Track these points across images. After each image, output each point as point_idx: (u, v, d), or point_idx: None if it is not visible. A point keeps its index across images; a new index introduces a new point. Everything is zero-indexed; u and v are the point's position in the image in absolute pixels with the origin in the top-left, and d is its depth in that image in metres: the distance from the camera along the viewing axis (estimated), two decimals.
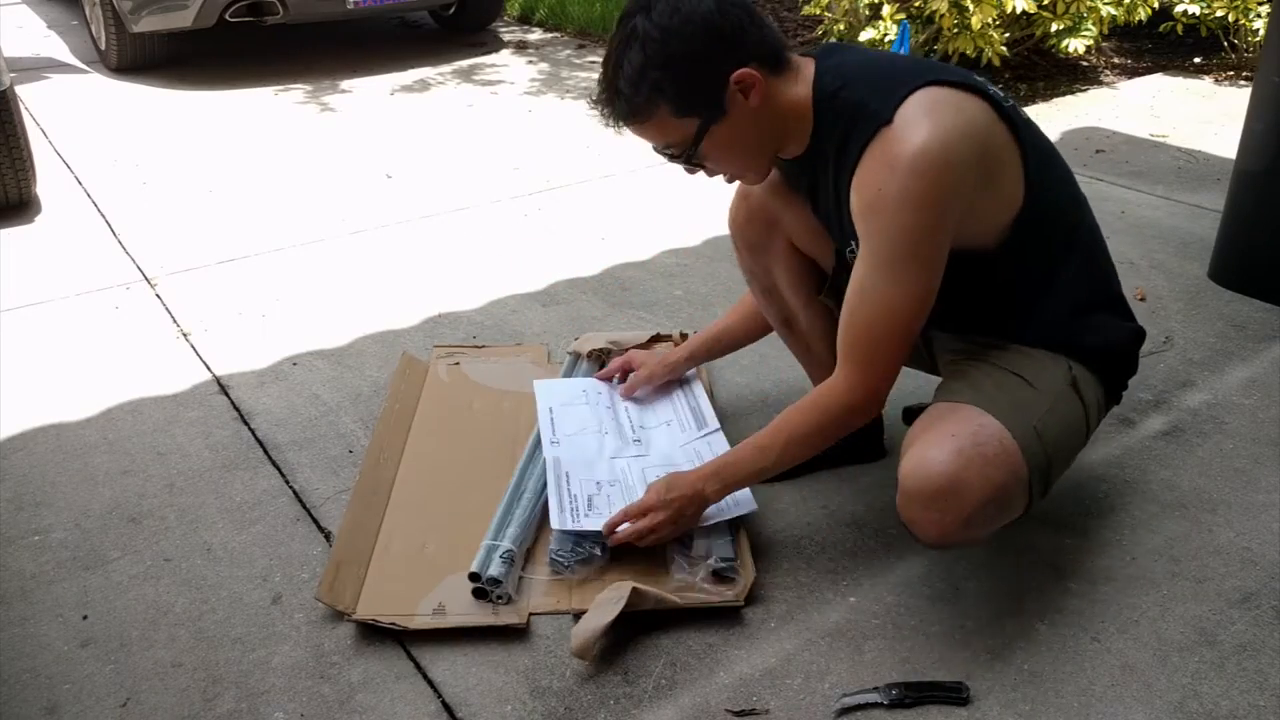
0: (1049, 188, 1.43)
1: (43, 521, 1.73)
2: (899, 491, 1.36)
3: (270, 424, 2.00)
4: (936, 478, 1.30)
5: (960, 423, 1.34)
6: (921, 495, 1.32)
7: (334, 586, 1.50)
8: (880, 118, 1.30)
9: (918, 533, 1.38)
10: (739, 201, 1.71)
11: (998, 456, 1.32)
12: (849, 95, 1.36)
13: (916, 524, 1.36)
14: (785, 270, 1.71)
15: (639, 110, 1.37)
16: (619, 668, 1.41)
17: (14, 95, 2.92)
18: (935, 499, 1.31)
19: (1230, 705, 1.35)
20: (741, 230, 1.72)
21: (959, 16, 3.92)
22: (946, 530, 1.34)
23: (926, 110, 1.29)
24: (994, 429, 1.33)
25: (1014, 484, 1.34)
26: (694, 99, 1.36)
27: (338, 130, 3.95)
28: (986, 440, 1.32)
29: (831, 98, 1.38)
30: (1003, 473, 1.32)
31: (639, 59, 1.33)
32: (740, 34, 1.35)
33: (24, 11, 6.18)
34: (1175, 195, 3.14)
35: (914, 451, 1.34)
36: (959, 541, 1.40)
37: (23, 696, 1.38)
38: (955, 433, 1.32)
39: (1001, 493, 1.33)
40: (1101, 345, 1.49)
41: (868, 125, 1.32)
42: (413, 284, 2.62)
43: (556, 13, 5.87)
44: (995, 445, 1.32)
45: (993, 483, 1.31)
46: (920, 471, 1.31)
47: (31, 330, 2.38)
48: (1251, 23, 4.14)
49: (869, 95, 1.34)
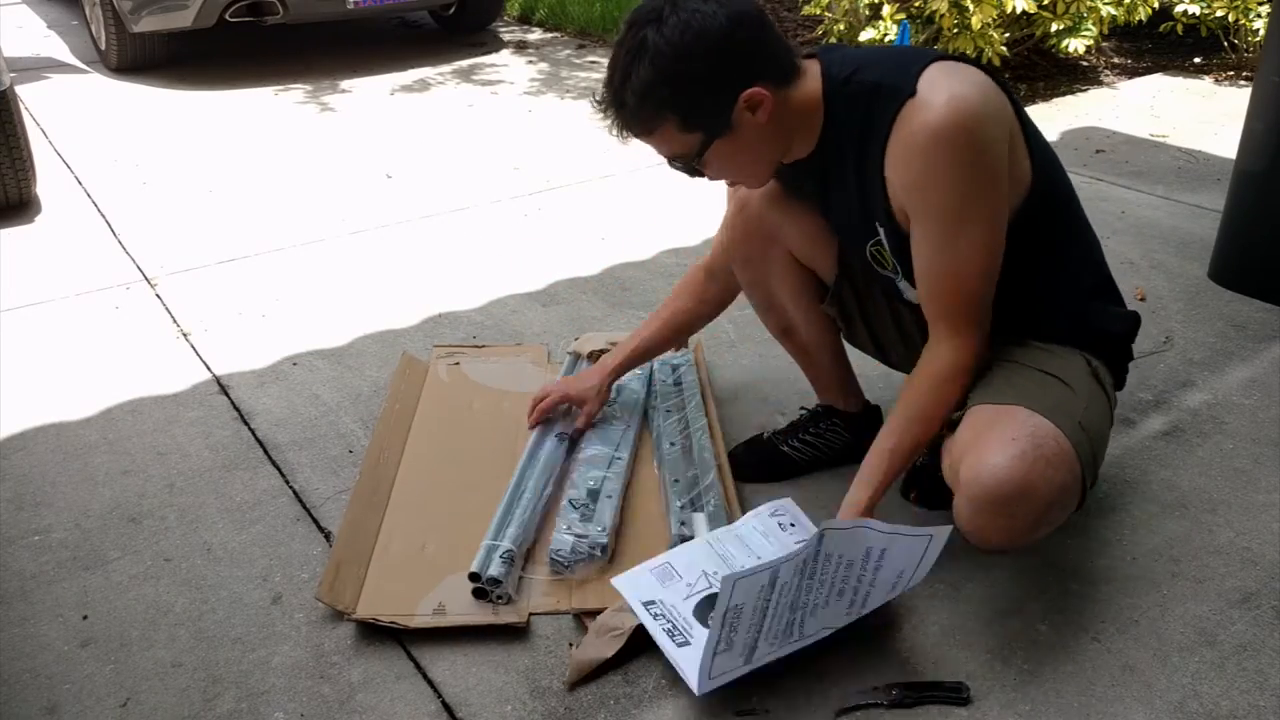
0: (1050, 170, 1.44)
1: (43, 521, 1.73)
2: (961, 499, 1.33)
3: (270, 424, 2.00)
4: (1006, 484, 1.27)
5: (1016, 425, 1.32)
6: (992, 502, 1.29)
7: (334, 586, 1.50)
8: (903, 92, 1.30)
9: (982, 540, 1.35)
10: (734, 217, 1.67)
11: (1057, 456, 1.30)
12: (863, 78, 1.36)
13: (984, 530, 1.33)
14: (785, 283, 1.69)
15: (644, 122, 1.36)
16: (619, 668, 1.40)
17: (14, 95, 2.92)
18: (1006, 505, 1.28)
19: (1230, 705, 1.35)
20: (739, 246, 1.68)
21: (959, 16, 3.92)
22: (1016, 535, 1.32)
23: (948, 75, 1.30)
24: (1049, 429, 1.32)
25: (1073, 482, 1.34)
26: (701, 116, 1.35)
27: (338, 130, 3.95)
28: (1045, 441, 1.30)
29: (845, 84, 1.37)
30: (1063, 472, 1.31)
31: (648, 74, 1.30)
32: (752, 52, 1.33)
33: (24, 11, 6.18)
34: (1175, 195, 3.14)
35: (974, 458, 1.31)
36: (1022, 543, 1.38)
37: (23, 696, 1.38)
38: (1015, 436, 1.30)
39: (1064, 493, 1.32)
40: (1106, 333, 1.51)
41: (890, 101, 1.31)
42: (413, 284, 2.62)
43: (556, 13, 5.87)
44: (1054, 445, 1.31)
45: (1056, 483, 1.30)
46: (987, 478, 1.28)
47: (31, 330, 2.38)
48: (1251, 23, 4.14)
49: (884, 75, 1.34)
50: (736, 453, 1.83)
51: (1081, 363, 1.46)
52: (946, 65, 1.33)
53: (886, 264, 1.48)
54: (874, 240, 1.46)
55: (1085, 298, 1.51)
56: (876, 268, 1.51)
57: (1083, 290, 1.51)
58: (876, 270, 1.52)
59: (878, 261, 1.49)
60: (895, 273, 1.48)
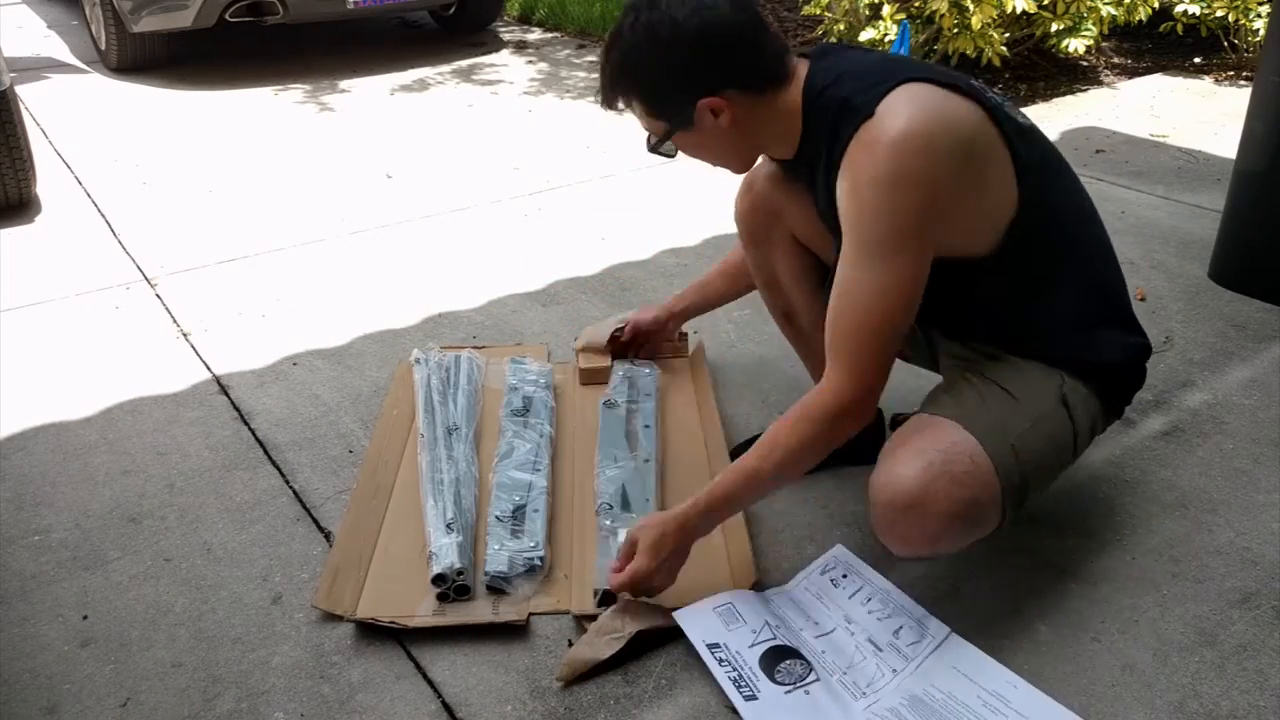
0: (1049, 198, 1.40)
1: (43, 521, 1.73)
2: (870, 504, 1.37)
3: (270, 424, 2.00)
4: (902, 493, 1.30)
5: (933, 439, 1.35)
6: (889, 509, 1.33)
7: (331, 592, 1.50)
8: (863, 112, 1.29)
9: (886, 543, 1.39)
10: (743, 192, 1.72)
11: (966, 474, 1.31)
12: (834, 93, 1.35)
13: (884, 535, 1.37)
14: (787, 263, 1.71)
15: (616, 102, 1.44)
16: (619, 668, 1.40)
17: (14, 95, 2.92)
18: (902, 513, 1.32)
19: (1230, 705, 1.35)
20: (745, 221, 1.73)
21: (959, 16, 3.92)
22: (912, 544, 1.35)
23: (907, 101, 1.28)
24: (967, 446, 1.33)
25: (985, 500, 1.33)
26: (662, 108, 1.41)
27: (338, 130, 3.95)
28: (957, 457, 1.32)
29: (818, 96, 1.38)
30: (970, 490, 1.31)
31: (618, 58, 1.39)
32: (721, 61, 1.34)
33: (24, 11, 6.18)
34: (1175, 195, 3.14)
35: (884, 465, 1.35)
36: (927, 554, 1.42)
37: (23, 696, 1.38)
38: (924, 449, 1.33)
39: (969, 509, 1.32)
40: (1099, 362, 1.47)
41: (851, 120, 1.31)
42: (413, 284, 2.62)
43: (556, 13, 5.87)
44: (966, 462, 1.32)
45: (958, 499, 1.30)
46: (887, 486, 1.33)
47: (31, 330, 2.38)
48: (1251, 23, 4.14)
49: (853, 92, 1.33)
50: (737, 453, 1.83)
51: (1053, 386, 1.43)
52: (916, 88, 1.29)
53: None
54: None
55: (1077, 326, 1.46)
56: None
57: (1075, 318, 1.46)
58: None
59: None
60: None
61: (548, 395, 1.99)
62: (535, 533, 1.61)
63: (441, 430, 1.84)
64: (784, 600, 1.51)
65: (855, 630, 1.44)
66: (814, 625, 1.46)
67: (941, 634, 1.41)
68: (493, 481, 1.73)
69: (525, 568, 1.54)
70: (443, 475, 1.71)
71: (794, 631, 1.44)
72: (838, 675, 1.38)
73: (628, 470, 1.72)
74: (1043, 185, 1.39)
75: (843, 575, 1.54)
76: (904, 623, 1.44)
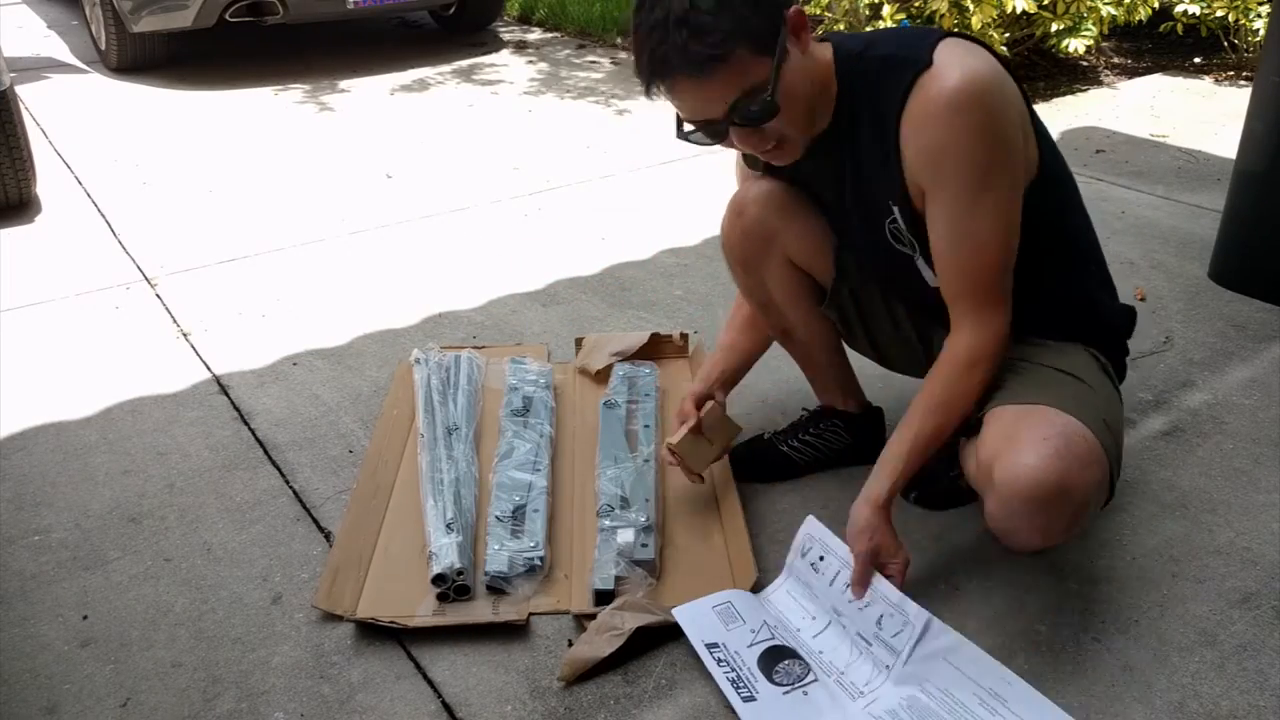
0: (1056, 163, 1.43)
1: (43, 521, 1.73)
2: (995, 501, 1.31)
3: (270, 424, 2.00)
4: (1043, 484, 1.25)
5: (1046, 424, 1.30)
6: (1028, 503, 1.27)
7: (331, 592, 1.51)
8: (918, 63, 1.29)
9: (1015, 542, 1.35)
10: (732, 220, 1.65)
11: (1089, 454, 1.29)
12: (876, 52, 1.35)
13: (1018, 532, 1.32)
14: (781, 286, 1.68)
15: (717, 52, 1.23)
16: (619, 668, 1.40)
17: (14, 95, 2.92)
18: (1043, 506, 1.27)
19: (1230, 705, 1.35)
20: (735, 249, 1.67)
21: (959, 16, 3.92)
22: (1051, 535, 1.32)
23: (964, 50, 1.29)
24: (1077, 427, 1.31)
25: (1105, 479, 1.33)
26: (769, 36, 1.26)
27: (338, 130, 3.95)
28: (1076, 440, 1.29)
29: (858, 58, 1.36)
30: (1096, 470, 1.30)
31: (706, 13, 1.21)
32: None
33: (24, 11, 6.18)
34: (1175, 195, 3.14)
35: (1007, 459, 1.28)
36: (1057, 543, 1.37)
37: (23, 696, 1.38)
38: (1047, 435, 1.28)
39: (1098, 490, 1.32)
40: (1106, 327, 1.52)
41: (904, 72, 1.30)
42: (412, 284, 2.62)
43: (556, 13, 5.87)
44: (1084, 444, 1.29)
45: (1092, 482, 1.29)
46: (1025, 479, 1.25)
47: (31, 330, 2.38)
48: (1251, 23, 4.14)
49: (897, 48, 1.33)
50: (737, 453, 1.82)
51: (1090, 358, 1.46)
52: (959, 40, 1.32)
53: (904, 241, 1.45)
54: (890, 218, 1.43)
55: (1086, 290, 1.51)
56: (896, 245, 1.47)
57: (1084, 283, 1.50)
58: (895, 248, 1.47)
59: (897, 239, 1.46)
60: (913, 249, 1.45)
61: (548, 395, 1.99)
62: (535, 533, 1.61)
63: (441, 430, 1.84)
64: (780, 597, 1.50)
65: (846, 624, 1.42)
66: (811, 621, 1.45)
67: (921, 620, 1.35)
68: (493, 481, 1.73)
69: (525, 568, 1.54)
70: (443, 475, 1.71)
71: (791, 631, 1.44)
72: (835, 676, 1.37)
73: (628, 470, 1.72)
74: (1052, 150, 1.42)
75: (819, 557, 1.48)
76: (883, 610, 1.39)
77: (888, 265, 1.51)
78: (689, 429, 1.65)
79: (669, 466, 1.73)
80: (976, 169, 1.29)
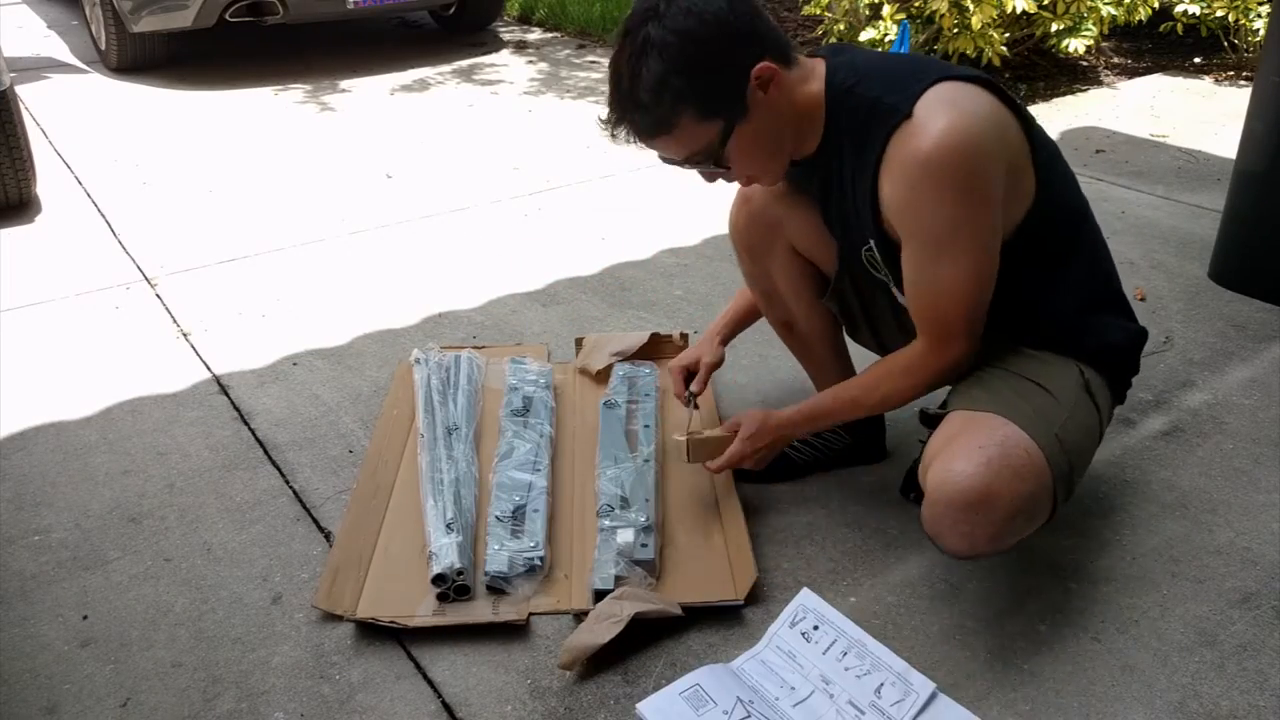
0: (1056, 185, 1.43)
1: (43, 521, 1.73)
2: (926, 504, 1.33)
3: (270, 424, 2.00)
4: (967, 491, 1.27)
5: (986, 433, 1.32)
6: (952, 508, 1.29)
7: (331, 592, 1.51)
8: (899, 111, 1.30)
9: (945, 545, 1.35)
10: (739, 206, 1.69)
11: (1025, 467, 1.30)
12: (864, 91, 1.36)
13: (944, 537, 1.33)
14: (785, 274, 1.70)
15: (662, 121, 1.34)
16: (619, 668, 1.41)
17: (14, 95, 2.92)
18: (966, 512, 1.28)
19: (1230, 705, 1.35)
20: (742, 235, 1.71)
21: (959, 16, 3.92)
22: (976, 543, 1.32)
23: (946, 102, 1.29)
24: (1019, 439, 1.32)
25: (1041, 493, 1.33)
26: (718, 101, 1.34)
27: (338, 130, 3.95)
28: (1014, 450, 1.30)
29: (847, 93, 1.37)
30: (1030, 483, 1.31)
31: (658, 67, 1.30)
32: (753, 29, 1.34)
33: (24, 11, 6.18)
34: (1175, 195, 3.14)
35: (940, 464, 1.32)
36: (986, 553, 1.36)
37: (23, 696, 1.38)
38: (983, 444, 1.30)
39: (1030, 503, 1.32)
40: (1107, 346, 1.50)
41: (886, 120, 1.31)
42: (412, 284, 2.62)
43: (556, 13, 5.87)
44: (1022, 455, 1.31)
45: (1022, 494, 1.30)
46: (950, 484, 1.29)
47: (31, 330, 2.38)
48: (1251, 23, 4.14)
49: (885, 90, 1.33)
50: None
51: (1074, 373, 1.45)
52: (949, 87, 1.31)
53: (879, 269, 1.49)
54: (866, 247, 1.46)
55: (1085, 312, 1.49)
56: (871, 271, 1.52)
57: (1082, 304, 1.49)
58: (872, 273, 1.53)
59: (872, 265, 1.50)
60: (888, 278, 1.49)
61: (548, 395, 1.99)
62: (535, 533, 1.61)
63: (441, 430, 1.84)
64: (755, 665, 1.41)
65: (835, 692, 1.35)
66: (790, 691, 1.36)
67: (926, 691, 1.33)
68: (493, 481, 1.73)
69: (525, 568, 1.54)
70: (443, 475, 1.71)
71: (769, 703, 1.34)
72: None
73: (628, 470, 1.72)
74: (1052, 173, 1.42)
75: (814, 627, 1.44)
76: (885, 679, 1.35)
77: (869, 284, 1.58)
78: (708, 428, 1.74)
79: (669, 466, 1.73)
80: (941, 230, 1.32)
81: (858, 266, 1.55)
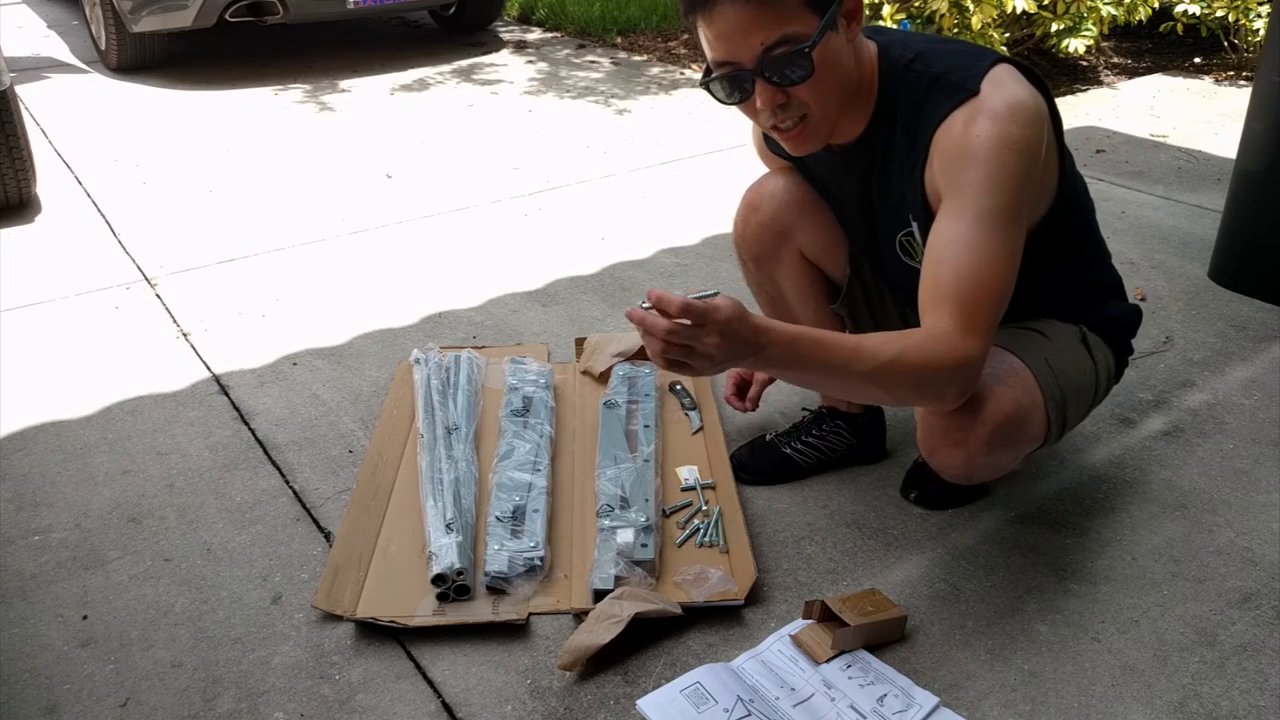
0: (1075, 183, 1.46)
1: (43, 521, 1.73)
2: (919, 423, 1.35)
3: (270, 424, 2.00)
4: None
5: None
6: (941, 414, 1.30)
7: (331, 592, 1.51)
8: (966, 89, 1.27)
9: (941, 465, 1.36)
10: (747, 215, 1.66)
11: (1010, 375, 1.34)
12: (925, 68, 1.32)
13: (939, 451, 1.34)
14: (794, 282, 1.69)
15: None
16: (619, 668, 1.41)
17: (14, 95, 2.92)
18: (955, 417, 1.30)
19: (1230, 705, 1.35)
20: (749, 244, 1.68)
21: (959, 16, 3.92)
22: (971, 453, 1.31)
23: (1012, 81, 1.28)
24: (1005, 356, 1.37)
25: (1029, 402, 1.35)
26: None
27: (338, 130, 3.95)
28: (1000, 366, 1.34)
29: (905, 69, 1.34)
30: (1017, 390, 1.33)
31: None
32: None
33: (24, 11, 6.18)
34: (1175, 195, 3.14)
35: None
36: (982, 466, 1.33)
37: (23, 696, 1.38)
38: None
39: (1018, 409, 1.33)
40: (1109, 318, 1.55)
41: (952, 95, 1.28)
42: (412, 284, 2.62)
43: (556, 12, 5.87)
44: (1008, 368, 1.35)
45: (1009, 398, 1.32)
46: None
47: (31, 330, 2.38)
48: (1251, 23, 4.14)
49: (949, 68, 1.31)
50: (739, 455, 1.82)
51: (1073, 329, 1.50)
52: (1010, 70, 1.30)
53: (915, 255, 1.44)
54: (906, 231, 1.43)
55: (1088, 297, 1.55)
56: (903, 258, 1.47)
57: (1089, 292, 1.55)
58: (902, 260, 1.47)
59: (906, 251, 1.46)
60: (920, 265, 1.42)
61: (548, 395, 1.99)
62: (535, 533, 1.61)
63: (441, 430, 1.84)
64: (756, 665, 1.40)
65: (836, 696, 1.34)
66: (790, 691, 1.35)
67: (929, 704, 1.32)
68: (493, 482, 1.73)
69: (525, 568, 1.54)
70: (442, 475, 1.71)
71: (769, 703, 1.33)
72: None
73: (628, 470, 1.72)
74: (1073, 175, 1.45)
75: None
76: (888, 690, 1.35)
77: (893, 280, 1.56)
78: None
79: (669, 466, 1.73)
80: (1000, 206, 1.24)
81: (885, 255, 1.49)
